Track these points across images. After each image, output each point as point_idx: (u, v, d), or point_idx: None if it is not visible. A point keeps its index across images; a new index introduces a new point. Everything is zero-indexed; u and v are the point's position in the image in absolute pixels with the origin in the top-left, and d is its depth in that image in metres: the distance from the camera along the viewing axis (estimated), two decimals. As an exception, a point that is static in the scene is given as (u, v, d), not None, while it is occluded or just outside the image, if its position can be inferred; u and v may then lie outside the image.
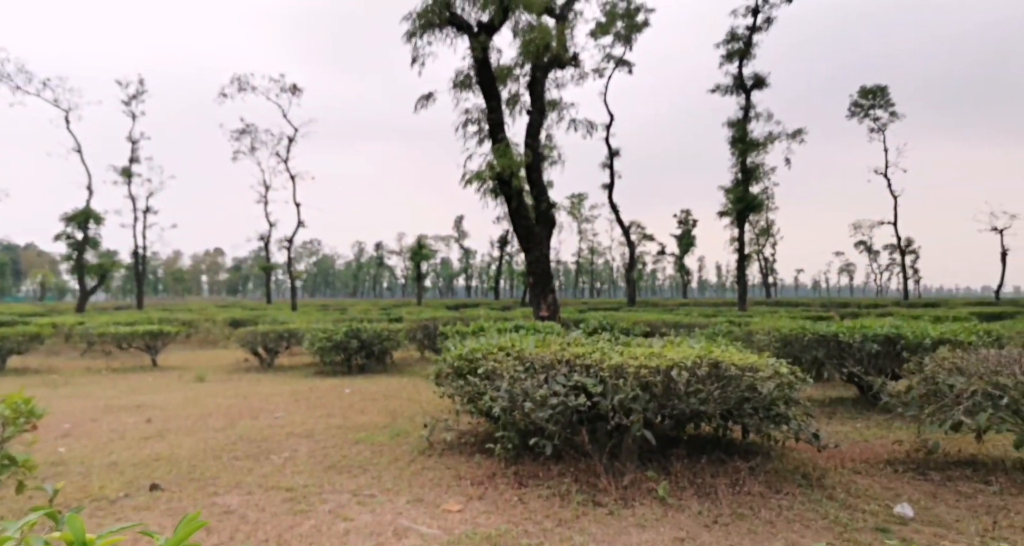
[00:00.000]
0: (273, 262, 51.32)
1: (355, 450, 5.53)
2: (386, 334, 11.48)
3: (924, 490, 4.40)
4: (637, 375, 4.23)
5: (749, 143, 34.37)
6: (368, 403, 8.12)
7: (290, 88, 37.54)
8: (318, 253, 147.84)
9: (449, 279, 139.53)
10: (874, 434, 6.30)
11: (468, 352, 5.53)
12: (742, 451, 5.28)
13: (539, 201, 15.44)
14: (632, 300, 43.07)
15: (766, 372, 4.40)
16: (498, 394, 4.48)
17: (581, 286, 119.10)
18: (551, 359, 4.66)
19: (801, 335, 7.78)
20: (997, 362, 4.70)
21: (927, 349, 6.99)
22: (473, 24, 14.14)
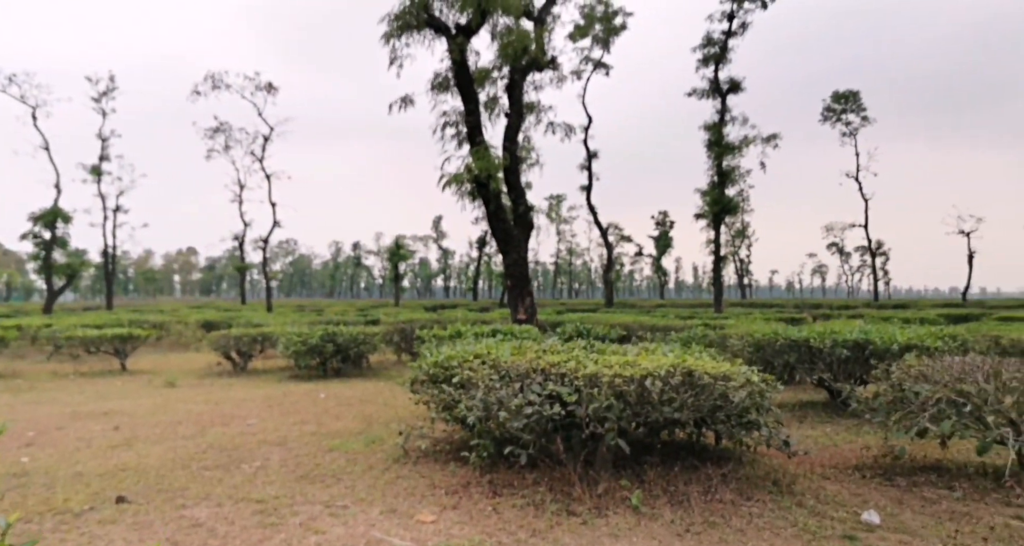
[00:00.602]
0: (248, 262, 50.63)
1: (329, 458, 5.47)
2: (362, 338, 11.39)
3: (891, 496, 4.49)
4: (611, 384, 4.25)
5: (725, 146, 34.81)
6: (343, 408, 8.05)
7: (265, 86, 37.07)
8: (294, 253, 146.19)
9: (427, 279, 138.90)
10: (843, 438, 6.42)
11: (444, 359, 5.51)
12: (715, 457, 5.34)
13: (517, 204, 15.46)
14: (610, 301, 43.34)
15: (738, 381, 4.46)
16: (473, 403, 4.47)
17: (560, 287, 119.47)
18: (526, 368, 4.67)
19: (773, 340, 7.90)
20: (960, 369, 4.81)
21: (895, 354, 7.14)
22: (451, 26, 14.10)
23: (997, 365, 4.83)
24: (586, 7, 34.21)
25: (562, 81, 18.39)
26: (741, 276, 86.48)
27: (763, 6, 30.77)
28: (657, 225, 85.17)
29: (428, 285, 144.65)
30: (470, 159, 14.32)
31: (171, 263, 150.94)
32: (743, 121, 34.31)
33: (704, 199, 36.68)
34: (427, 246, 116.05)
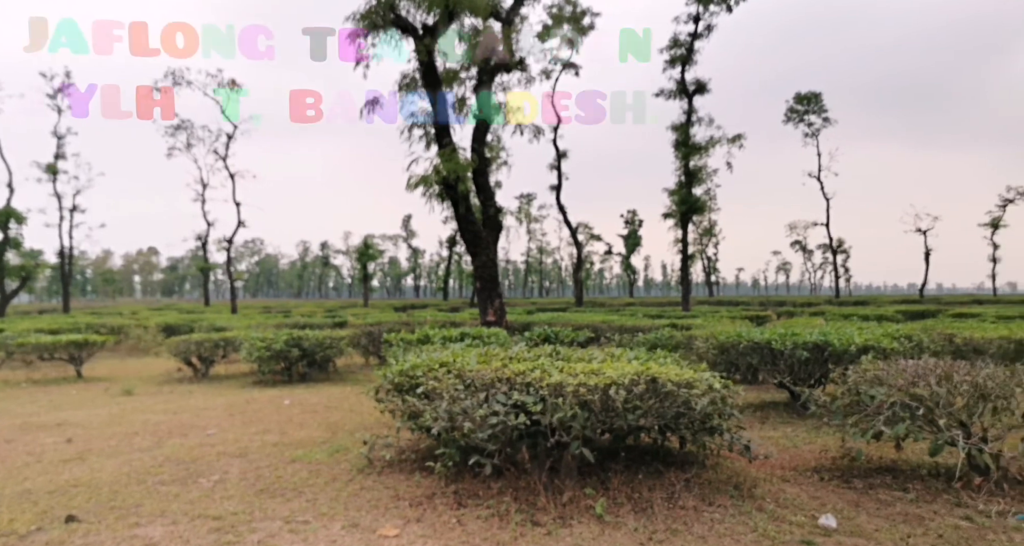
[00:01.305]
0: (212, 262, 49.55)
1: (291, 470, 5.37)
2: (328, 342, 11.22)
3: (847, 499, 4.59)
4: (576, 394, 4.25)
5: (692, 147, 35.29)
6: (308, 416, 7.92)
7: (228, 83, 36.24)
8: (261, 253, 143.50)
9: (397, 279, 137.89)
10: (804, 439, 6.55)
11: (409, 368, 5.45)
12: (679, 462, 5.39)
13: (486, 205, 15.42)
14: (579, 300, 43.60)
15: (700, 388, 4.50)
16: (438, 414, 4.43)
17: (531, 285, 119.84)
18: (492, 377, 4.64)
19: (737, 343, 8.02)
20: (914, 373, 4.95)
21: (852, 356, 7.33)
22: (418, 26, 13.97)
23: (949, 368, 4.98)
24: (554, 7, 34.28)
25: (530, 82, 18.43)
26: (709, 274, 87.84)
27: (728, 9, 31.24)
28: (626, 224, 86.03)
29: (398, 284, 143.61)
30: (438, 160, 14.22)
31: (131, 263, 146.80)
32: (709, 122, 34.81)
33: (672, 198, 37.15)
34: (397, 245, 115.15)
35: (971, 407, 4.62)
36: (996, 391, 4.64)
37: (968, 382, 4.69)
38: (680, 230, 37.41)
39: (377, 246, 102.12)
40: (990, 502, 4.33)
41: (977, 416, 4.64)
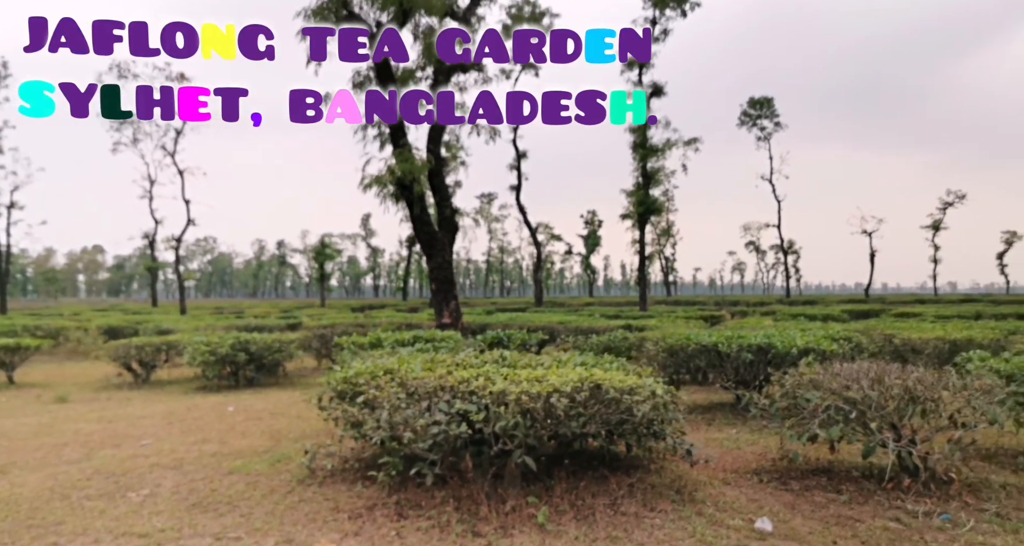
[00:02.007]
0: (160, 261, 47.92)
1: (227, 482, 5.18)
2: (277, 346, 10.93)
3: (784, 501, 4.69)
4: (518, 402, 4.22)
5: (649, 149, 35.81)
6: (252, 423, 7.68)
7: (177, 77, 35.06)
8: (214, 251, 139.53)
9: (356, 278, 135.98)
10: (747, 440, 6.68)
11: (352, 375, 5.33)
12: (625, 467, 5.43)
13: (442, 207, 15.31)
14: (539, 300, 43.75)
15: (643, 394, 4.52)
16: (378, 424, 4.33)
17: (492, 285, 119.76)
18: (434, 385, 4.57)
19: (685, 345, 8.14)
20: (847, 376, 5.08)
21: (794, 358, 7.50)
22: (372, 24, 13.76)
23: (881, 371, 5.13)
24: (513, 7, 34.34)
25: (487, 82, 18.34)
26: (667, 274, 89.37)
27: (683, 14, 31.84)
28: (586, 224, 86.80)
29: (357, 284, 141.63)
30: (393, 161, 14.04)
31: (75, 262, 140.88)
32: (666, 124, 35.40)
33: (630, 200, 37.65)
34: (356, 244, 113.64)
35: (901, 410, 4.77)
36: (925, 394, 4.80)
37: (899, 385, 4.84)
38: (638, 231, 37.93)
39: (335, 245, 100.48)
40: (918, 502, 4.48)
41: (907, 418, 4.79)
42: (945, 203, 60.60)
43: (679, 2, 32.20)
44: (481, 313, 26.85)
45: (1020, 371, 5.67)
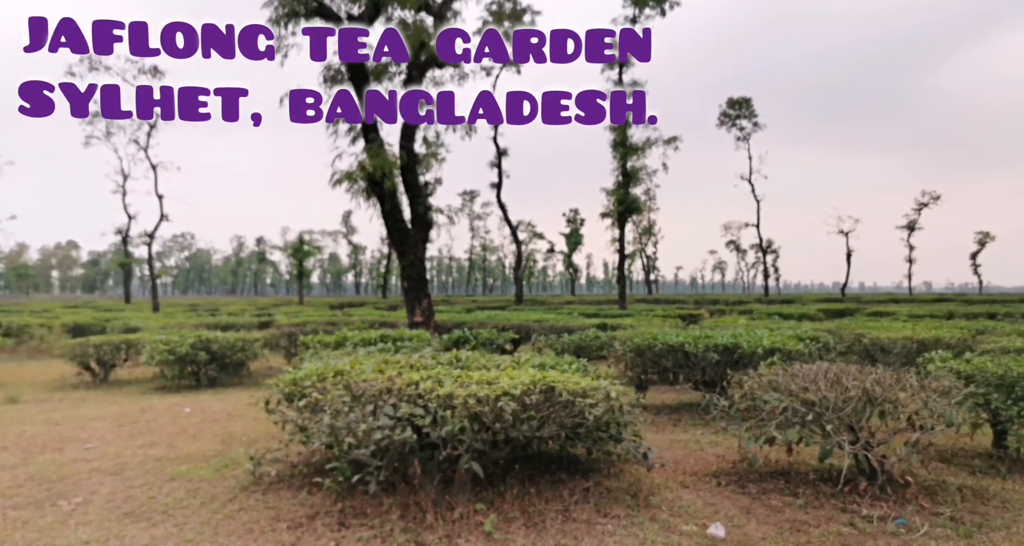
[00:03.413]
0: (134, 257, 47.03)
1: (167, 489, 4.96)
2: (240, 345, 10.66)
3: (740, 505, 4.59)
4: (465, 405, 4.07)
5: (629, 147, 35.81)
6: (206, 425, 7.44)
7: (150, 70, 34.33)
8: (191, 247, 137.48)
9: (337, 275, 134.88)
10: (710, 441, 6.59)
11: (301, 377, 5.15)
12: (583, 470, 5.31)
13: (415, 204, 15.07)
14: (519, 298, 43.61)
15: (596, 397, 4.40)
16: (319, 428, 4.15)
17: (474, 282, 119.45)
18: (380, 388, 4.40)
19: (652, 345, 8.05)
20: (806, 378, 5.00)
21: (760, 357, 7.44)
22: (343, 17, 13.49)
23: (839, 373, 5.06)
24: (493, 4, 34.16)
25: (464, 78, 18.10)
26: (648, 272, 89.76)
27: (662, 13, 31.86)
28: (568, 222, 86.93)
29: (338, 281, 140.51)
30: (364, 156, 13.79)
31: (49, 258, 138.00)
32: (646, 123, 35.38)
33: (610, 198, 37.62)
34: (337, 241, 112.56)
35: (859, 411, 4.70)
36: (883, 395, 4.74)
37: (856, 386, 4.77)
38: (618, 229, 37.92)
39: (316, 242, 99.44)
40: (874, 506, 4.41)
41: (865, 420, 4.72)
42: (920, 204, 61.56)
43: (658, 1, 32.20)
44: (460, 311, 26.65)
45: (980, 372, 5.64)
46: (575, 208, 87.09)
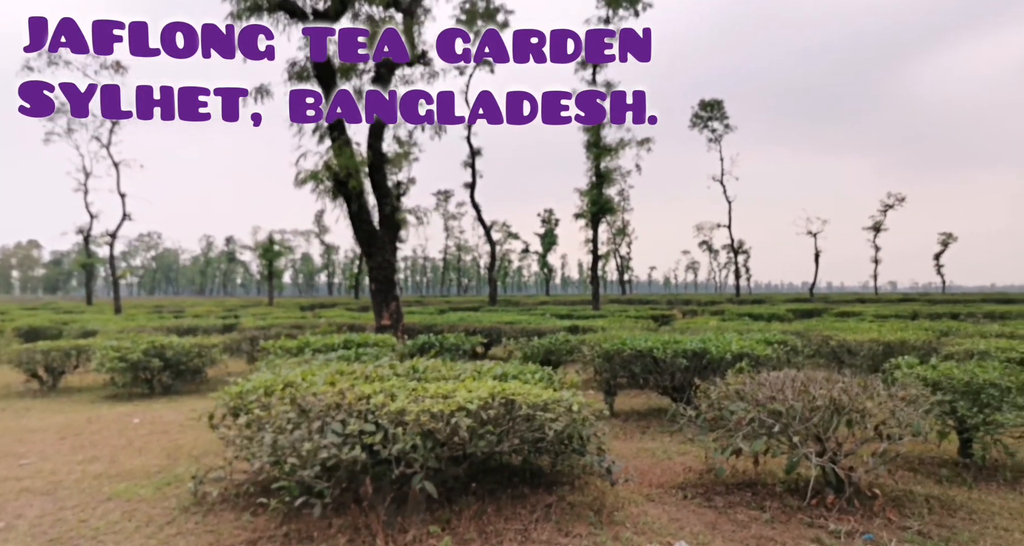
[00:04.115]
0: (96, 257, 45.67)
1: (101, 511, 4.64)
2: (196, 351, 10.25)
3: (706, 520, 4.44)
4: (418, 422, 3.84)
5: (603, 148, 35.83)
6: (155, 437, 7.08)
7: (112, 65, 33.27)
8: (158, 247, 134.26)
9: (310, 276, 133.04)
10: (678, 450, 6.46)
11: (247, 390, 4.87)
12: (548, 483, 5.12)
13: (383, 204, 14.75)
14: (493, 299, 43.35)
15: (556, 411, 4.21)
16: (260, 448, 3.89)
17: (449, 283, 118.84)
18: (330, 402, 4.14)
19: (621, 350, 7.90)
20: (772, 387, 4.88)
21: (729, 363, 7.35)
22: (308, 12, 13.12)
23: (806, 381, 4.95)
24: (467, 3, 33.91)
25: (434, 76, 17.81)
26: (622, 273, 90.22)
27: (635, 14, 31.94)
28: (543, 223, 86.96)
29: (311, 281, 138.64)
30: (329, 155, 13.43)
31: (8, 257, 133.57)
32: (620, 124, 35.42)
33: (584, 199, 37.60)
34: (309, 241, 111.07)
35: (826, 421, 4.59)
36: (850, 404, 4.63)
37: (823, 396, 4.66)
38: (591, 230, 37.92)
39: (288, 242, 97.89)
40: (841, 521, 4.30)
41: (832, 430, 4.61)
42: (886, 205, 62.91)
43: (632, 2, 32.27)
44: (433, 312, 26.31)
45: (946, 379, 5.60)
46: (550, 208, 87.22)
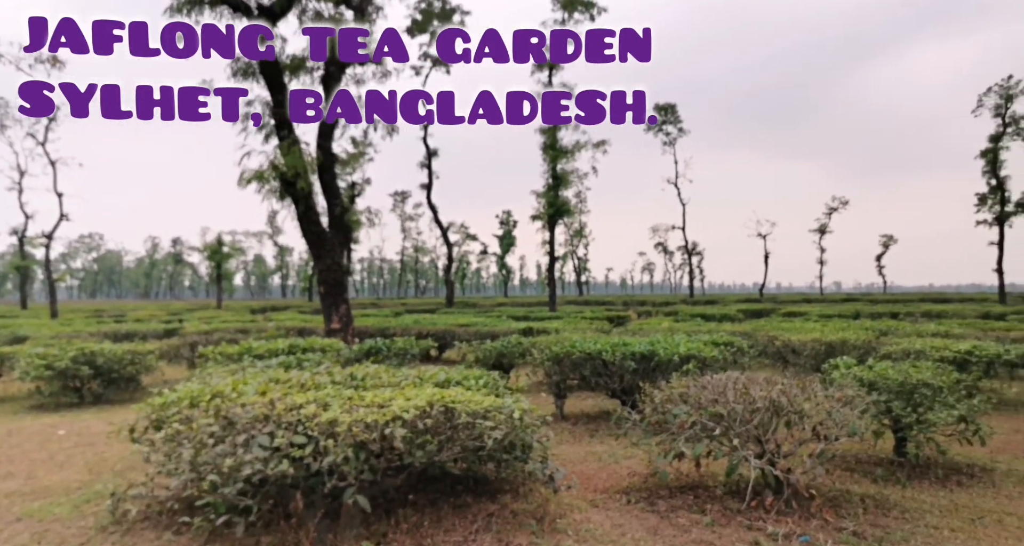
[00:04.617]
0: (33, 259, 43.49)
1: (8, 533, 4.31)
2: (129, 358, 9.75)
3: (648, 525, 4.41)
4: (350, 433, 3.68)
5: (559, 150, 36.02)
6: (79, 451, 6.68)
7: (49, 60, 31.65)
8: (100, 248, 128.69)
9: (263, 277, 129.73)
10: (625, 454, 6.44)
11: (172, 401, 4.60)
12: (492, 491, 5.01)
13: (332, 206, 14.42)
14: (450, 301, 43.09)
15: (496, 419, 4.10)
16: (179, 465, 3.66)
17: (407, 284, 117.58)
18: (257, 414, 3.94)
19: (570, 353, 7.87)
20: (715, 389, 4.90)
21: (676, 365, 7.40)
22: (252, 6, 12.71)
23: (748, 383, 4.98)
24: (423, 3, 33.57)
25: (387, 76, 17.55)
26: (579, 274, 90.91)
27: (591, 18, 32.22)
28: (501, 224, 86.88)
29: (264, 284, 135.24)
30: (276, 155, 13.04)
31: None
32: (575, 126, 35.64)
33: (540, 201, 37.72)
34: (262, 242, 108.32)
35: (766, 423, 4.63)
36: (789, 406, 4.68)
37: (763, 397, 4.69)
38: (548, 232, 38.05)
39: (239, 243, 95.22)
40: (779, 523, 4.32)
41: (771, 432, 4.65)
42: (831, 208, 65.23)
43: (587, 6, 32.55)
44: (388, 315, 25.90)
45: (882, 379, 5.73)
46: (508, 210, 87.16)
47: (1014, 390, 9.75)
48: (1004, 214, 38.41)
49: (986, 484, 5.25)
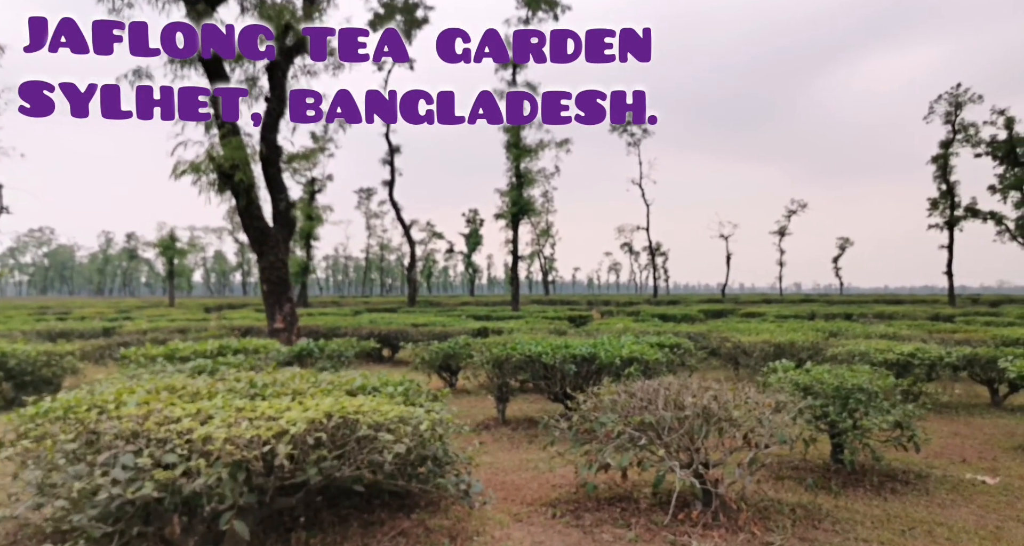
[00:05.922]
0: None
1: None
2: (44, 360, 9.10)
3: (570, 541, 4.13)
4: (227, 451, 3.29)
5: (523, 149, 35.78)
6: (-32, 465, 6.09)
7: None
8: (50, 243, 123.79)
9: (223, 274, 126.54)
10: (560, 462, 6.14)
11: (43, 412, 4.14)
12: (408, 506, 4.67)
13: (277, 200, 13.86)
14: (412, 300, 42.51)
15: (399, 433, 3.76)
16: (23, 489, 3.23)
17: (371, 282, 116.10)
18: (124, 429, 3.52)
19: (510, 356, 7.57)
20: (645, 396, 4.65)
21: (618, 368, 7.17)
22: (189, -9, 12.09)
23: (681, 389, 4.75)
24: (384, -6, 32.91)
25: (339, 68, 17.00)
26: (545, 273, 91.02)
27: (555, 18, 32.07)
28: (468, 223, 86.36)
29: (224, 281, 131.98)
30: (214, 146, 12.44)
31: None
32: (539, 125, 35.44)
33: (504, 199, 37.42)
34: (222, 238, 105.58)
35: (695, 431, 4.39)
36: (719, 413, 4.45)
37: (693, 404, 4.46)
38: (511, 231, 37.78)
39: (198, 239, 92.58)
40: (705, 537, 4.08)
41: (701, 440, 4.41)
42: (790, 211, 66.54)
43: (551, 5, 32.37)
44: (348, 313, 25.24)
45: (818, 383, 5.58)
46: (475, 208, 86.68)
47: (956, 392, 9.81)
48: (954, 218, 39.56)
49: (920, 492, 5.12)
